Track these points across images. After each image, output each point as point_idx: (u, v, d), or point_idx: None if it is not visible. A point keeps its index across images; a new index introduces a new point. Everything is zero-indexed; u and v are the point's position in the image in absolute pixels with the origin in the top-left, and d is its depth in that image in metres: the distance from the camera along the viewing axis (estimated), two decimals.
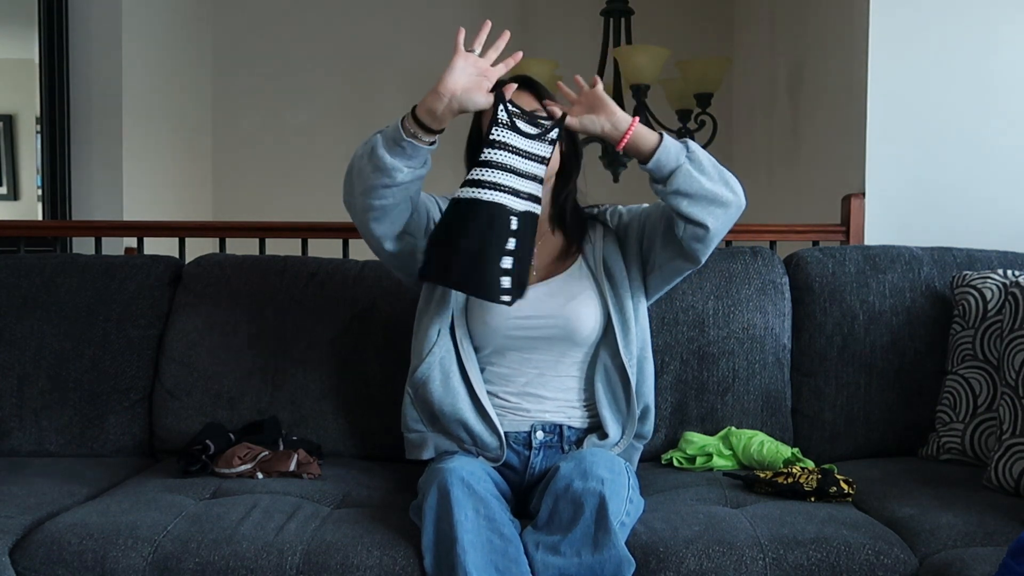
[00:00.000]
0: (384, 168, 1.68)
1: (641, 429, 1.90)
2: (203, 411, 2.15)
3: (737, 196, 1.75)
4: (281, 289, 2.22)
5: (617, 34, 3.75)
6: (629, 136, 1.72)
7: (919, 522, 1.67)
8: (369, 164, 1.69)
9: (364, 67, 4.56)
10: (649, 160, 1.72)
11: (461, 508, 1.54)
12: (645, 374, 1.90)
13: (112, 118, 3.58)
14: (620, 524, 1.57)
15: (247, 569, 1.56)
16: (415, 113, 1.69)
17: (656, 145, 1.71)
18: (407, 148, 1.68)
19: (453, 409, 1.81)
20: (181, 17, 4.27)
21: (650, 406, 1.91)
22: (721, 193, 1.73)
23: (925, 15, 2.67)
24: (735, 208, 1.76)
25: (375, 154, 1.68)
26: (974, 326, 2.03)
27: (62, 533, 1.62)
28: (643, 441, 1.94)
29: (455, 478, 1.59)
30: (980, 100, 2.68)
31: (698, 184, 1.71)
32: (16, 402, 2.17)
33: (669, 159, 1.71)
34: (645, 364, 1.90)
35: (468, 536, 1.51)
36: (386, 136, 1.69)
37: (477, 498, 1.58)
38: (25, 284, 2.26)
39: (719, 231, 1.76)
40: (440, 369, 1.82)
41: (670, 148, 1.72)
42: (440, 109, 1.68)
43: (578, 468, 1.63)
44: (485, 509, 1.57)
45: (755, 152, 4.14)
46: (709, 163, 1.74)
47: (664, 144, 1.71)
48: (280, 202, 4.37)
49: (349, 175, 1.75)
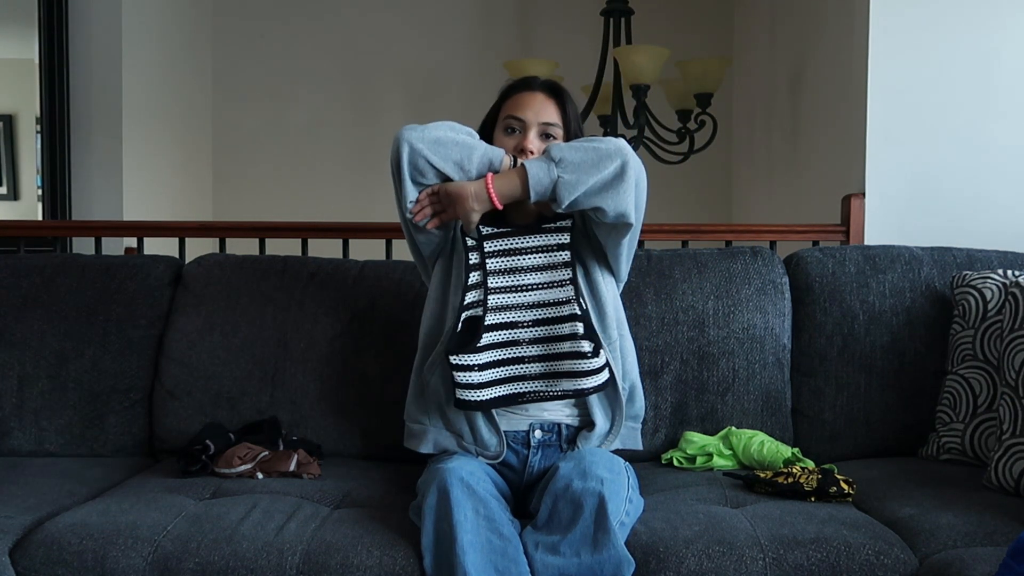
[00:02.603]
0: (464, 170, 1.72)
1: (631, 410, 1.90)
2: (203, 411, 2.15)
3: (616, 158, 1.67)
4: (281, 289, 2.22)
5: (617, 34, 3.75)
6: (494, 195, 1.71)
7: (919, 522, 1.67)
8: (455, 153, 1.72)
9: (364, 67, 4.56)
10: (530, 197, 1.70)
11: (460, 508, 1.54)
12: (625, 352, 1.88)
13: (112, 118, 3.57)
14: (619, 524, 1.57)
15: (247, 569, 1.56)
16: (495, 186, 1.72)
17: (524, 179, 1.69)
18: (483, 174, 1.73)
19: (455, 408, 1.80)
20: (181, 17, 4.27)
21: (636, 384, 1.90)
22: (604, 172, 1.67)
23: (925, 15, 2.67)
24: (622, 173, 1.68)
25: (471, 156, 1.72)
26: (974, 326, 2.03)
27: (62, 533, 1.62)
28: (638, 421, 1.93)
29: (455, 478, 1.59)
30: (980, 100, 2.68)
31: (585, 184, 1.67)
32: (16, 402, 2.17)
33: (542, 183, 1.68)
34: (624, 343, 1.89)
35: (467, 536, 1.51)
36: (484, 155, 1.73)
37: (477, 498, 1.58)
38: (25, 284, 2.26)
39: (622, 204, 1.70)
40: (443, 368, 1.81)
41: (537, 175, 1.67)
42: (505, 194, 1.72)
43: (577, 468, 1.63)
44: (485, 509, 1.57)
45: (755, 152, 4.14)
46: (579, 153, 1.68)
47: (530, 175, 1.68)
48: (280, 202, 4.37)
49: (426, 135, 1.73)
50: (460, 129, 1.77)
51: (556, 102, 1.85)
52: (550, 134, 1.83)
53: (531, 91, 1.85)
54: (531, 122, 1.82)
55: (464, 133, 1.77)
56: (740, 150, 4.41)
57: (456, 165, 1.73)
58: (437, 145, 1.72)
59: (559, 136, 1.84)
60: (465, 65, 4.49)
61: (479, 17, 4.54)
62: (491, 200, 1.71)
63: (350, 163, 4.49)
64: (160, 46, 3.98)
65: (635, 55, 3.38)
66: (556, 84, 1.87)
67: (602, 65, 3.76)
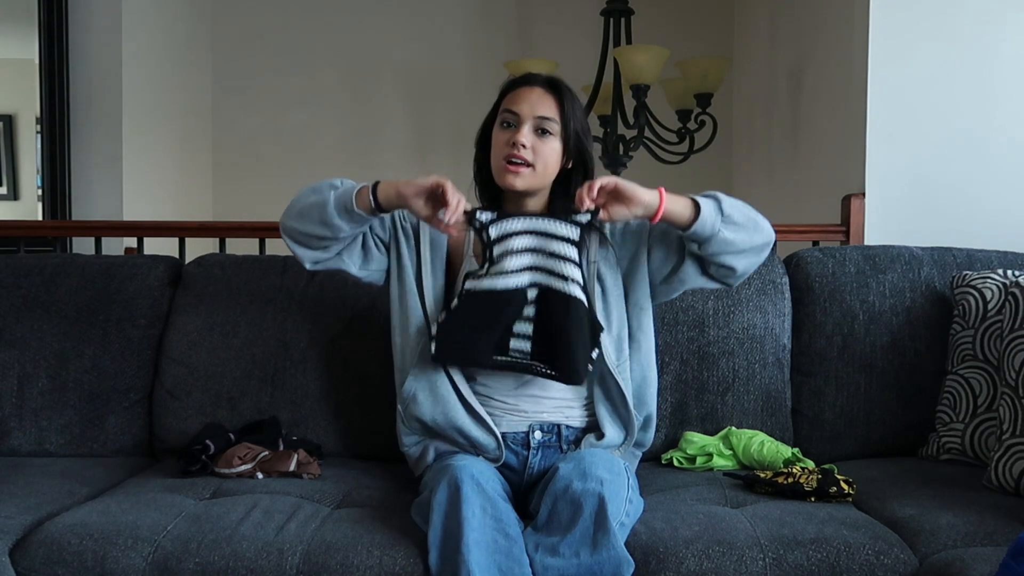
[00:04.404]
0: (330, 225, 1.77)
1: (642, 437, 1.91)
2: (203, 411, 2.15)
3: (767, 236, 1.79)
4: (281, 289, 2.22)
5: (617, 34, 3.75)
6: (662, 213, 1.73)
7: (919, 522, 1.67)
8: (315, 214, 1.78)
9: (364, 67, 4.56)
10: (687, 229, 1.74)
11: (470, 506, 1.54)
12: (648, 382, 1.90)
13: (112, 118, 3.58)
14: (619, 524, 1.57)
15: (247, 569, 1.56)
16: (375, 190, 1.76)
17: (693, 217, 1.71)
18: (354, 216, 1.76)
19: (446, 419, 1.81)
20: (181, 17, 4.27)
21: (652, 416, 1.91)
22: (755, 242, 1.77)
23: (925, 15, 2.67)
24: (766, 248, 1.81)
25: (325, 212, 1.76)
26: (974, 326, 2.03)
27: (62, 533, 1.62)
28: (642, 449, 1.94)
29: (466, 475, 1.59)
30: (980, 100, 2.68)
31: (734, 245, 1.75)
32: (16, 402, 2.17)
33: (705, 228, 1.72)
34: (648, 372, 1.90)
35: (474, 534, 1.51)
36: (337, 200, 1.76)
37: (486, 496, 1.58)
38: (25, 284, 2.26)
39: (749, 268, 1.82)
40: (427, 381, 1.82)
41: (706, 220, 1.71)
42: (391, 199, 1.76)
43: (577, 469, 1.63)
44: (493, 509, 1.57)
45: (755, 152, 4.14)
46: (743, 217, 1.76)
47: (701, 217, 1.71)
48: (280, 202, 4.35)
49: (292, 211, 1.82)
50: (318, 188, 1.81)
51: (554, 97, 1.83)
52: (546, 129, 1.81)
53: (529, 86, 1.85)
54: (526, 116, 1.81)
55: (320, 190, 1.80)
56: (740, 150, 4.41)
57: (322, 225, 1.78)
58: (300, 218, 1.81)
59: (555, 131, 1.81)
60: (465, 65, 4.49)
61: (479, 17, 4.54)
62: (656, 212, 1.71)
63: (350, 163, 4.49)
64: (160, 46, 3.99)
65: (635, 55, 3.38)
66: (556, 80, 1.86)
67: (602, 65, 3.76)
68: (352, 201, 1.75)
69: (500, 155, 1.82)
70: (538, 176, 1.82)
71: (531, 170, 1.81)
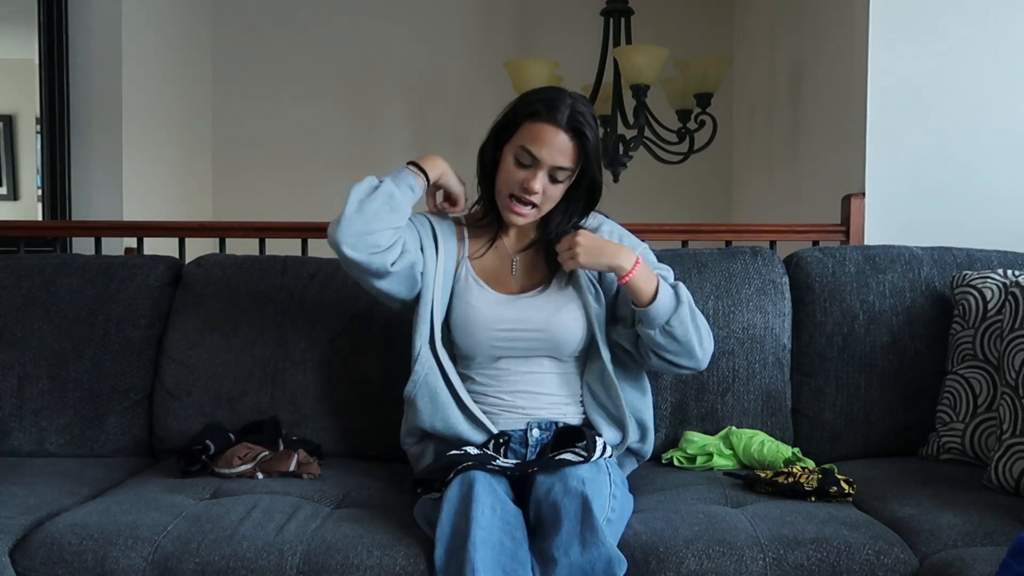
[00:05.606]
0: (399, 209, 1.78)
1: (642, 448, 1.93)
2: (203, 411, 2.15)
3: (701, 358, 1.86)
4: (281, 289, 2.22)
5: (617, 34, 3.75)
6: (629, 277, 1.78)
7: (919, 522, 1.67)
8: (386, 206, 1.76)
9: (364, 67, 4.56)
10: (642, 306, 1.79)
11: (480, 505, 1.54)
12: (643, 388, 1.93)
13: (112, 118, 3.58)
14: (607, 521, 1.56)
15: (247, 569, 1.56)
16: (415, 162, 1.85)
17: (651, 298, 1.78)
18: (415, 189, 1.83)
19: (445, 425, 1.82)
20: (181, 17, 4.27)
21: (648, 425, 1.93)
22: (692, 350, 1.83)
23: (925, 15, 2.67)
24: (693, 366, 1.87)
25: (393, 197, 1.77)
26: (974, 326, 2.03)
27: (62, 533, 1.62)
28: (640, 459, 1.97)
29: (480, 474, 1.59)
30: (980, 100, 2.68)
31: (676, 343, 1.81)
32: (16, 402, 2.17)
33: (660, 315, 1.78)
34: (640, 377, 1.93)
35: (481, 533, 1.51)
36: (396, 180, 1.80)
37: (496, 497, 1.57)
38: (25, 284, 2.26)
39: (662, 370, 1.91)
40: (426, 387, 1.84)
41: (662, 302, 1.78)
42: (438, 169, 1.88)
43: (557, 472, 1.62)
44: (502, 510, 1.56)
45: (755, 152, 4.14)
46: (692, 327, 1.81)
47: (656, 302, 1.78)
48: (280, 202, 4.37)
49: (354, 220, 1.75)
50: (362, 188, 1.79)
51: (575, 143, 1.79)
52: (557, 179, 1.81)
53: (556, 128, 1.78)
54: (545, 163, 1.79)
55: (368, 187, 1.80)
56: (740, 150, 4.41)
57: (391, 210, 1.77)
58: (365, 214, 1.76)
59: (563, 180, 1.82)
60: (465, 65, 4.49)
61: (479, 17, 4.54)
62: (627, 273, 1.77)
63: (350, 163, 4.49)
64: (160, 46, 3.99)
65: (635, 55, 3.38)
66: (583, 124, 1.78)
67: (602, 65, 3.76)
68: (408, 176, 1.82)
69: (508, 189, 1.82)
70: (540, 212, 1.85)
71: (535, 210, 1.84)
